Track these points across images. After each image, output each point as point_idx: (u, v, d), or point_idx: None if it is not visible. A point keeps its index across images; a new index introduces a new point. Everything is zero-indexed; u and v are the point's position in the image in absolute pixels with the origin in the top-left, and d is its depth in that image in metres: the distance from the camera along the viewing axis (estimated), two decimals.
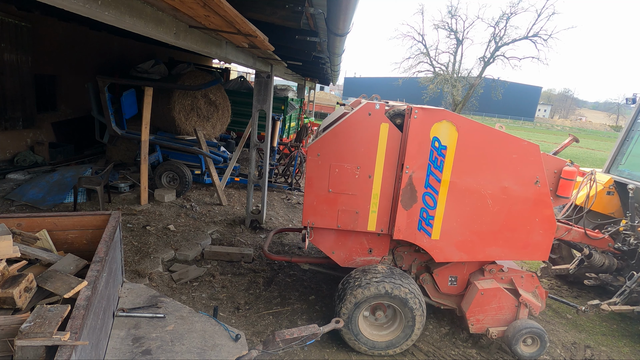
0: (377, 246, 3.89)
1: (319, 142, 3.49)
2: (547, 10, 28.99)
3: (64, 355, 1.55)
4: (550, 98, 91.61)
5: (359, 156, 3.47)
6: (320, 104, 28.64)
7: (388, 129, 3.39)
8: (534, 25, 27.10)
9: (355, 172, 3.51)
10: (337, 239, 3.83)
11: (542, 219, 3.49)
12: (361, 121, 3.40)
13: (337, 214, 3.62)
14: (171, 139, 7.49)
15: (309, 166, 3.54)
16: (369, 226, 3.64)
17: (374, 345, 3.61)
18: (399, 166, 3.47)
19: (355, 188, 3.54)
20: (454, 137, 3.33)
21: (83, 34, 9.08)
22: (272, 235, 5.02)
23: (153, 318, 2.59)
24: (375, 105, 3.38)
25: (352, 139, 3.44)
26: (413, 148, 3.37)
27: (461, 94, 30.01)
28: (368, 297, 3.45)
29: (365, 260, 3.91)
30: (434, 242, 3.57)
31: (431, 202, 3.48)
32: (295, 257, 4.44)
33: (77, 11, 1.87)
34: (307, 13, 3.04)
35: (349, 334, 3.57)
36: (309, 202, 3.61)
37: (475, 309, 3.71)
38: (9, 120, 7.46)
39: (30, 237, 2.45)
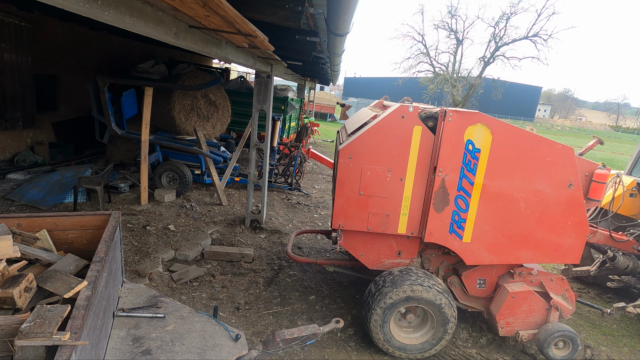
0: (406, 249, 3.89)
1: (350, 145, 3.48)
2: (547, 10, 29.03)
3: (64, 355, 1.55)
4: (550, 98, 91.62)
5: (391, 159, 3.48)
6: (320, 104, 28.65)
7: (421, 132, 3.40)
8: (534, 25, 27.12)
9: (387, 175, 3.51)
10: (365, 241, 3.84)
11: (574, 222, 3.49)
12: (394, 124, 3.41)
13: (367, 217, 3.62)
14: (171, 139, 7.49)
15: (340, 169, 3.54)
16: (399, 229, 3.65)
17: (405, 348, 3.62)
18: (431, 169, 3.48)
19: (386, 191, 3.55)
20: (488, 140, 3.33)
21: (83, 34, 9.08)
22: (293, 236, 5.01)
23: (153, 318, 2.59)
24: (408, 107, 3.38)
25: (385, 142, 3.45)
26: (446, 151, 3.37)
27: (461, 94, 30.01)
28: (401, 300, 3.46)
29: (393, 263, 3.92)
30: (465, 244, 3.57)
31: (463, 205, 3.48)
32: (320, 260, 4.44)
33: (77, 11, 1.87)
34: (307, 13, 3.04)
35: (381, 337, 3.57)
36: (339, 204, 3.62)
37: (505, 311, 3.69)
38: (9, 120, 7.46)
39: (30, 237, 2.45)
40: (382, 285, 3.57)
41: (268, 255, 5.46)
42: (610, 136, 48.80)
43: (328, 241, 6.27)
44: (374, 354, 3.70)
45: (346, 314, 4.29)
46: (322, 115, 29.13)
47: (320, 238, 6.37)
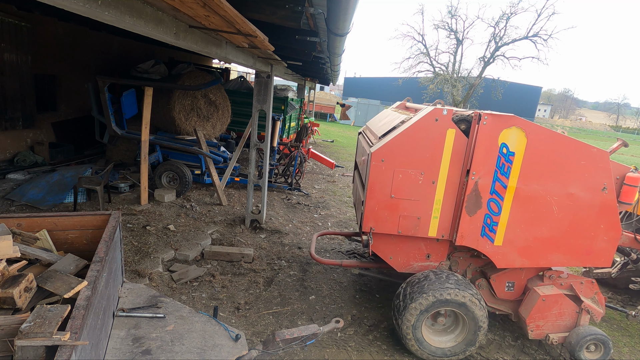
0: (435, 251, 3.90)
1: (383, 148, 3.48)
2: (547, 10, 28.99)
3: (64, 355, 1.55)
4: (550, 98, 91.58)
5: (424, 162, 3.48)
6: (320, 104, 28.65)
7: (454, 135, 3.40)
8: (534, 25, 27.09)
9: (419, 178, 3.51)
10: (395, 244, 3.84)
11: (607, 226, 3.49)
12: (427, 127, 3.41)
13: (398, 220, 3.63)
14: (171, 139, 7.49)
15: (372, 172, 3.53)
16: (429, 232, 3.65)
17: (436, 352, 3.62)
18: (463, 172, 3.48)
19: (418, 194, 3.55)
20: (522, 144, 3.33)
21: (83, 34, 9.08)
22: (315, 238, 5.02)
23: (153, 318, 2.59)
24: (442, 110, 3.38)
25: (417, 145, 3.45)
26: (480, 154, 3.37)
27: (461, 94, 30.00)
28: (435, 303, 3.47)
29: (422, 266, 3.93)
30: (496, 248, 3.58)
31: (496, 209, 3.49)
32: (345, 262, 4.45)
33: (77, 11, 1.86)
34: (307, 13, 3.03)
35: (413, 341, 3.57)
36: (370, 207, 3.62)
37: (535, 315, 3.69)
38: (9, 120, 7.46)
39: (30, 237, 2.45)
40: (415, 288, 3.57)
41: (268, 255, 5.46)
42: (610, 136, 48.81)
43: (337, 242, 6.27)
44: (374, 354, 3.70)
45: (346, 314, 4.29)
46: (322, 115, 29.13)
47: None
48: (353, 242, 6.32)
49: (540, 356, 3.96)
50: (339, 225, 7.10)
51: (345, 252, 5.95)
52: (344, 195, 9.17)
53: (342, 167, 12.14)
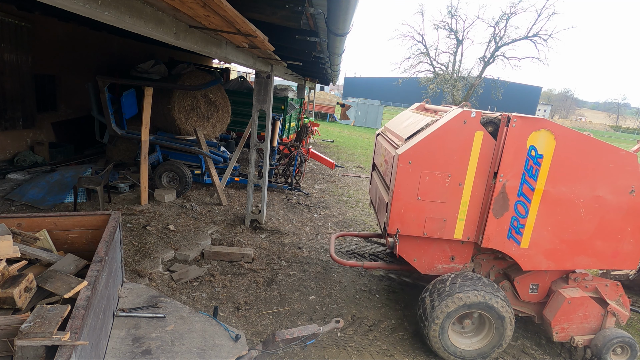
0: (460, 254, 3.90)
1: (410, 150, 3.48)
2: (547, 10, 29.00)
3: (64, 355, 1.55)
4: (550, 98, 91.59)
5: (451, 164, 3.48)
6: (320, 104, 28.64)
7: (482, 137, 3.41)
8: (534, 25, 27.10)
9: (446, 180, 3.52)
10: (419, 246, 3.84)
11: (634, 228, 3.50)
12: (456, 129, 3.41)
13: (424, 222, 3.63)
14: (171, 139, 7.49)
15: (399, 174, 3.54)
16: (455, 234, 3.66)
17: (463, 355, 3.63)
18: (490, 174, 3.49)
19: (444, 196, 3.56)
20: (551, 146, 3.34)
21: (83, 34, 9.08)
22: (334, 239, 5.02)
23: (153, 318, 2.59)
24: (471, 113, 3.39)
25: (445, 147, 3.45)
26: (509, 157, 3.38)
27: (461, 94, 30.00)
28: (463, 306, 3.48)
29: (446, 268, 3.93)
30: (522, 250, 3.58)
31: (523, 211, 3.49)
32: (367, 263, 4.45)
33: (77, 11, 1.87)
34: (307, 13, 3.03)
35: (439, 344, 3.58)
36: (396, 209, 3.62)
37: (561, 317, 3.69)
38: (9, 120, 7.46)
39: (30, 237, 2.45)
40: (443, 291, 3.58)
41: (268, 255, 5.46)
42: (610, 136, 48.78)
43: (337, 242, 6.27)
44: (374, 354, 3.70)
45: (346, 314, 4.29)
46: (322, 115, 29.12)
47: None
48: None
49: (540, 356, 3.96)
50: (339, 225, 7.10)
51: (345, 252, 5.95)
52: (344, 195, 9.17)
53: (342, 167, 12.14)
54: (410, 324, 4.26)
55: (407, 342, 3.94)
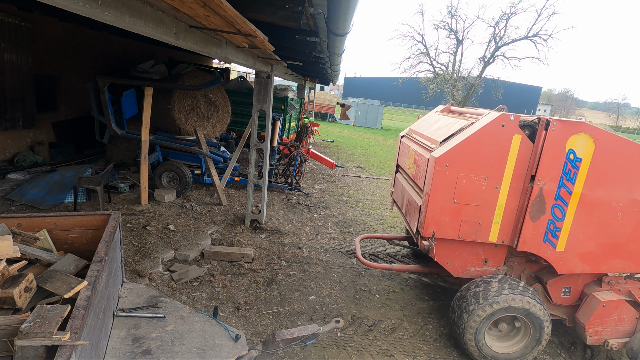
0: (493, 257, 3.91)
1: (448, 153, 3.50)
2: (547, 10, 28.99)
3: (64, 355, 1.55)
4: (550, 98, 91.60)
5: (488, 167, 3.50)
6: (320, 104, 28.64)
7: (520, 141, 3.42)
8: (534, 25, 27.09)
9: (482, 183, 3.54)
10: (453, 249, 3.85)
11: None
12: (494, 132, 3.43)
13: (459, 225, 3.65)
14: (171, 139, 7.49)
15: (435, 177, 3.55)
16: (490, 237, 3.68)
17: (498, 358, 3.64)
18: (527, 177, 3.51)
19: (480, 199, 3.58)
20: (590, 150, 3.35)
21: (83, 34, 9.08)
22: (359, 241, 5.04)
23: (153, 318, 2.59)
24: (509, 116, 3.40)
25: (483, 150, 3.47)
26: (547, 160, 3.39)
27: (461, 94, 30.00)
28: (500, 310, 3.49)
29: (479, 271, 3.95)
30: (558, 253, 3.60)
31: (559, 214, 3.51)
32: (395, 266, 4.46)
33: (77, 11, 1.86)
34: (307, 13, 3.04)
35: (475, 348, 3.59)
36: (432, 212, 3.63)
37: (595, 320, 3.69)
38: (9, 120, 7.46)
39: (30, 237, 2.45)
40: (479, 295, 3.58)
41: (268, 255, 5.46)
42: None
43: (337, 242, 6.27)
44: (374, 354, 3.70)
45: (346, 314, 4.30)
46: (322, 115, 29.12)
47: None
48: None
49: (539, 356, 3.96)
50: (339, 225, 7.10)
51: (345, 252, 5.96)
52: (344, 195, 9.17)
53: (342, 167, 12.14)
54: (410, 324, 4.26)
55: (407, 342, 3.95)
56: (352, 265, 5.54)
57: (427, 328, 4.22)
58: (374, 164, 13.93)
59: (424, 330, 4.19)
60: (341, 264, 5.52)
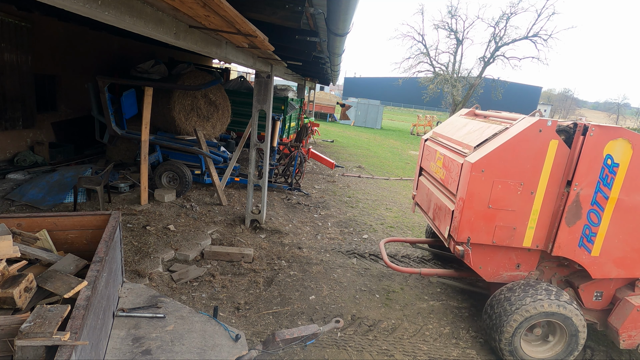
0: (526, 261, 3.92)
1: (484, 159, 3.51)
2: (547, 10, 28.92)
3: (64, 355, 1.55)
4: (550, 98, 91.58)
5: (524, 172, 3.51)
6: (320, 104, 28.64)
7: (557, 146, 3.44)
8: (534, 25, 27.04)
9: (518, 189, 3.55)
10: (485, 253, 3.86)
11: None
12: (531, 137, 3.45)
13: (493, 230, 3.66)
14: (171, 139, 7.49)
15: (471, 182, 3.56)
16: (524, 242, 3.69)
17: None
18: (563, 182, 3.52)
19: (515, 204, 3.59)
20: (627, 155, 3.37)
21: (83, 34, 9.08)
22: (383, 244, 5.06)
23: (153, 318, 2.59)
24: (547, 121, 3.42)
25: (519, 155, 3.48)
26: (584, 165, 3.40)
27: (461, 94, 29.97)
28: (535, 315, 3.50)
29: (511, 276, 3.96)
30: (592, 258, 3.61)
31: (595, 219, 3.52)
32: (424, 270, 4.47)
33: (77, 11, 1.87)
34: (307, 13, 3.03)
35: (511, 353, 3.59)
36: (466, 217, 3.65)
37: (629, 325, 3.69)
38: (9, 120, 7.46)
39: (30, 237, 2.45)
40: (514, 300, 3.59)
41: (268, 255, 5.46)
42: None
43: (337, 242, 6.27)
44: (374, 354, 3.70)
45: (346, 314, 4.30)
46: (322, 115, 29.12)
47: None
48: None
49: None
50: (339, 225, 7.10)
51: (345, 252, 5.96)
52: (344, 195, 9.17)
53: (342, 167, 12.14)
54: (410, 324, 4.26)
55: (407, 342, 3.94)
56: (352, 265, 5.54)
57: (427, 328, 4.22)
58: (374, 164, 13.93)
59: (424, 330, 4.19)
60: (341, 264, 5.52)
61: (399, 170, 13.33)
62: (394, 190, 10.33)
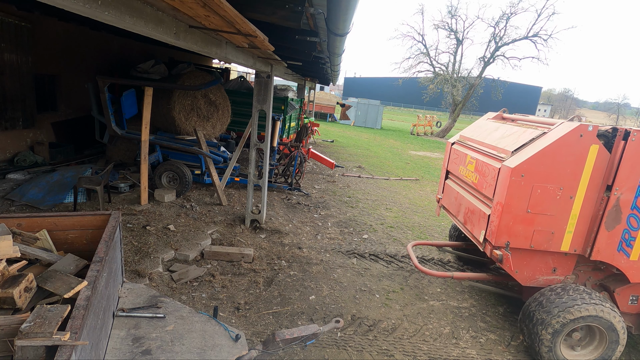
0: (562, 265, 3.94)
1: (525, 164, 3.53)
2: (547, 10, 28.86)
3: (64, 355, 1.55)
4: (550, 98, 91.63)
5: (563, 177, 3.53)
6: (320, 104, 28.63)
7: (597, 151, 3.46)
8: (534, 25, 27.02)
9: (557, 193, 3.58)
10: (522, 258, 3.87)
11: None
12: (572, 142, 3.47)
13: (531, 234, 3.69)
14: (171, 139, 7.49)
15: (510, 187, 3.58)
16: (562, 246, 3.71)
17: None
18: (602, 187, 3.54)
19: (554, 209, 3.61)
20: None
21: (83, 34, 9.08)
22: (410, 248, 5.08)
23: (153, 318, 2.59)
24: (588, 126, 3.44)
25: (559, 160, 3.50)
26: (625, 170, 3.42)
27: (461, 94, 29.95)
28: (576, 319, 3.50)
29: (547, 280, 3.98)
30: (631, 262, 3.63)
31: (635, 224, 3.54)
32: (457, 274, 4.49)
33: (77, 11, 1.87)
34: (307, 13, 3.03)
35: (549, 354, 3.59)
36: (505, 222, 3.67)
37: None
38: (9, 120, 7.46)
39: (30, 237, 2.45)
40: (554, 305, 3.59)
41: (268, 255, 5.46)
42: None
43: (337, 242, 6.27)
44: (374, 354, 3.70)
45: (346, 314, 4.30)
46: (322, 115, 29.12)
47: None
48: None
49: None
50: (339, 225, 7.10)
51: (345, 252, 5.96)
52: (344, 195, 9.17)
53: (342, 167, 12.14)
54: (410, 324, 4.26)
55: (407, 342, 3.94)
56: (352, 265, 5.54)
57: (427, 328, 4.22)
58: (374, 164, 13.93)
59: (424, 330, 4.19)
60: (341, 264, 5.52)
61: (399, 170, 13.33)
62: (394, 190, 10.33)
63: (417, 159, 16.51)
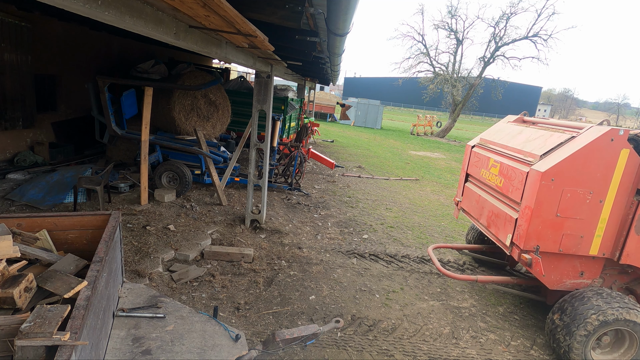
0: (590, 269, 3.94)
1: (555, 168, 3.54)
2: (547, 10, 28.88)
3: (64, 355, 1.55)
4: (550, 98, 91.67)
5: (594, 181, 3.54)
6: (320, 104, 28.64)
7: (628, 155, 3.46)
8: (534, 25, 27.00)
9: (587, 197, 3.58)
10: (549, 261, 3.87)
11: None
12: (602, 146, 3.48)
13: (560, 238, 3.69)
14: (171, 139, 7.49)
15: (540, 191, 3.58)
16: (591, 250, 3.72)
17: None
18: (632, 191, 3.54)
19: (584, 212, 3.62)
20: None
21: (83, 34, 9.08)
22: (431, 251, 5.09)
23: (153, 318, 2.59)
24: (619, 131, 3.44)
25: (590, 164, 3.51)
26: None
27: (461, 94, 29.94)
28: (606, 323, 3.49)
29: (574, 283, 3.98)
30: None
31: None
32: (481, 277, 4.49)
33: (77, 11, 1.87)
34: (307, 13, 3.03)
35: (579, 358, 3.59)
36: (534, 226, 3.67)
37: None
38: (9, 120, 7.46)
39: (30, 237, 2.45)
40: (583, 309, 3.59)
41: (268, 255, 5.46)
42: None
43: (337, 242, 6.27)
44: (374, 354, 3.70)
45: (346, 314, 4.30)
46: (322, 115, 29.12)
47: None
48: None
49: (541, 356, 3.96)
50: (339, 225, 7.10)
51: (345, 252, 5.96)
52: (344, 195, 9.17)
53: (342, 167, 12.14)
54: (410, 324, 4.26)
55: (407, 342, 3.95)
56: (352, 265, 5.54)
57: (427, 328, 4.22)
58: (374, 164, 13.93)
59: (424, 330, 4.19)
60: (341, 264, 5.52)
61: (399, 170, 13.33)
62: (394, 190, 10.33)
63: (417, 159, 16.51)
